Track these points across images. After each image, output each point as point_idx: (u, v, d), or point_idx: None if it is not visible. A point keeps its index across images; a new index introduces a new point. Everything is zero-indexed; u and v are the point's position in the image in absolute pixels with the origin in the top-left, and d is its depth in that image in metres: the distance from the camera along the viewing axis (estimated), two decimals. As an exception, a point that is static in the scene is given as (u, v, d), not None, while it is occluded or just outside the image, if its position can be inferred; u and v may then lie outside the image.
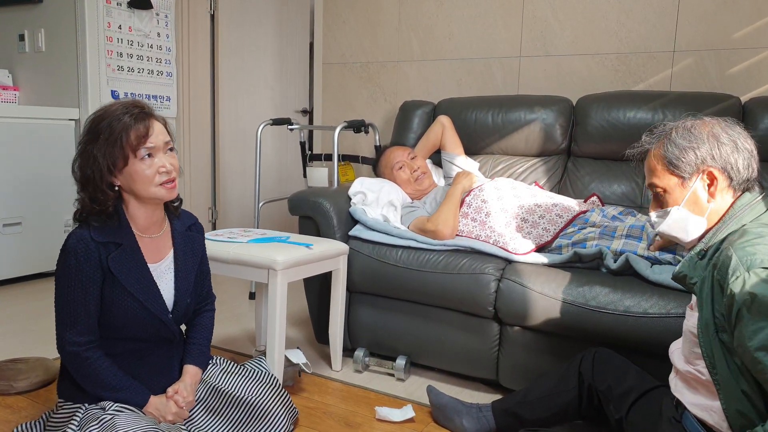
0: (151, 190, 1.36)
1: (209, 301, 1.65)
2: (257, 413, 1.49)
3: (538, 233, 2.02)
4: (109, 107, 1.37)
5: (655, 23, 2.58)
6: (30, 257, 3.17)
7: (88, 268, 1.34)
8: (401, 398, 1.92)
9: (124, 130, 1.32)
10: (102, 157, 1.32)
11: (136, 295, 1.39)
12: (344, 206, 2.23)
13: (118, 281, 1.37)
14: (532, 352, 1.86)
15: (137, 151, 1.33)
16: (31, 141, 3.12)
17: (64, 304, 1.35)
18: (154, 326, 1.43)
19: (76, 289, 1.34)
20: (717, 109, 2.18)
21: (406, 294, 2.04)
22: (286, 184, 4.43)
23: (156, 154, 1.36)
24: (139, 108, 1.37)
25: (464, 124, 2.60)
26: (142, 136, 1.33)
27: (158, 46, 3.59)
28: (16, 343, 2.30)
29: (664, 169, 1.26)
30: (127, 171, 1.34)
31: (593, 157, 2.43)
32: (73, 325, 1.35)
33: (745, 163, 1.22)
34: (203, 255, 1.60)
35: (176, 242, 1.51)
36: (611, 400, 1.49)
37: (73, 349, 1.35)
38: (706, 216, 1.24)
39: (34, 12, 3.38)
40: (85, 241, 1.34)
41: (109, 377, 1.37)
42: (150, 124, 1.35)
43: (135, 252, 1.40)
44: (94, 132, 1.34)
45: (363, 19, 3.25)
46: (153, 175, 1.35)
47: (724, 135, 1.23)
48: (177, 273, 1.49)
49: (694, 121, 1.28)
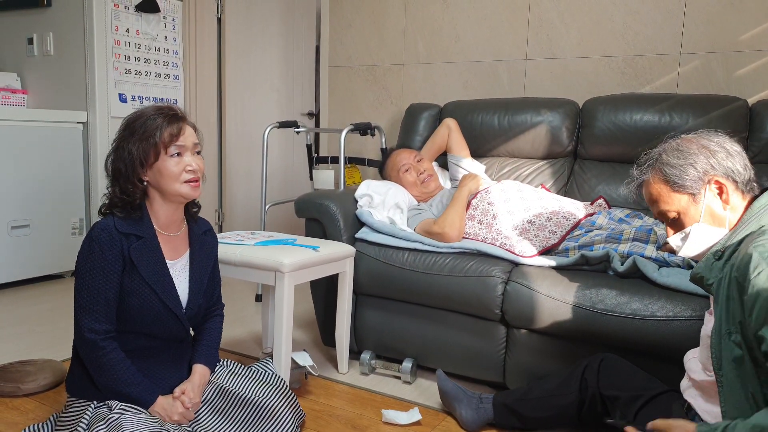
0: (176, 186, 1.43)
1: (219, 306, 1.69)
2: (264, 414, 1.50)
3: (545, 236, 2.02)
4: (145, 109, 1.46)
5: (661, 25, 2.57)
6: (38, 259, 3.19)
7: (111, 255, 1.39)
8: (408, 401, 1.92)
9: (158, 127, 1.41)
10: (135, 152, 1.40)
11: (154, 287, 1.43)
12: (351, 209, 2.23)
13: (138, 271, 1.42)
14: (539, 355, 1.85)
15: (168, 148, 1.41)
16: (39, 144, 3.14)
17: (85, 290, 1.39)
18: (168, 321, 1.47)
19: (97, 276, 1.38)
20: (724, 111, 2.17)
21: (412, 296, 2.04)
22: (292, 187, 4.44)
23: (185, 153, 1.44)
24: (173, 111, 1.46)
25: (470, 127, 2.60)
26: (174, 135, 1.42)
27: (165, 50, 3.61)
28: (24, 345, 2.31)
29: (670, 191, 1.25)
30: (157, 166, 1.42)
31: (600, 159, 2.43)
32: (93, 312, 1.38)
33: (742, 164, 1.23)
34: (216, 261, 1.65)
35: (193, 243, 1.57)
36: (618, 407, 1.48)
37: (91, 336, 1.38)
38: (726, 225, 1.22)
39: (42, 16, 3.40)
40: (108, 230, 1.40)
41: (122, 370, 1.39)
42: (182, 125, 1.45)
43: (155, 246, 1.46)
44: (130, 129, 1.42)
45: (369, 22, 3.26)
46: (180, 172, 1.43)
47: (712, 144, 1.24)
48: (192, 273, 1.54)
49: (677, 140, 1.29)
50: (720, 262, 1.21)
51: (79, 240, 3.34)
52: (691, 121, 2.21)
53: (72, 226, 3.32)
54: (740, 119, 2.17)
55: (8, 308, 2.80)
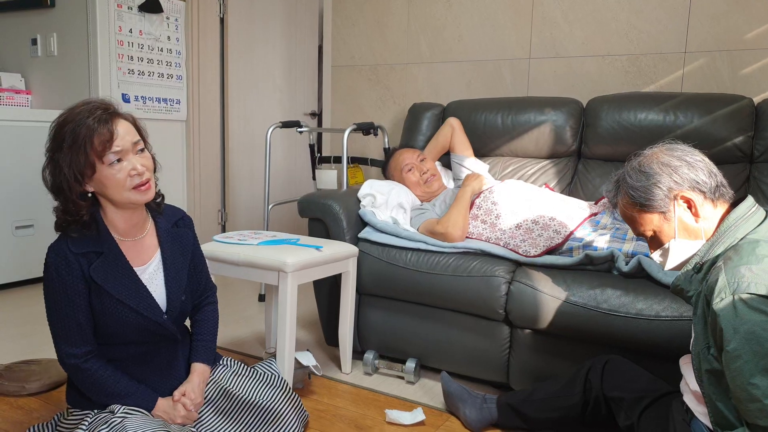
0: (124, 195, 1.30)
1: (209, 293, 1.60)
2: (268, 416, 1.49)
3: (549, 235, 2.01)
4: (73, 110, 1.29)
5: (666, 24, 2.56)
6: (42, 259, 3.17)
7: (71, 280, 1.30)
8: (411, 401, 1.92)
9: (87, 136, 1.24)
10: (68, 167, 1.25)
11: (126, 301, 1.35)
12: (354, 208, 2.23)
13: (104, 290, 1.33)
14: (542, 355, 1.85)
15: (104, 157, 1.26)
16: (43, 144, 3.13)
17: (55, 318, 1.33)
18: (150, 329, 1.41)
19: (62, 303, 1.31)
20: (729, 110, 2.16)
21: (415, 296, 2.04)
22: (295, 187, 4.44)
23: (125, 157, 1.29)
24: (102, 109, 1.28)
25: (474, 126, 2.59)
26: (107, 141, 1.25)
27: (168, 50, 3.61)
28: (29, 345, 2.32)
29: (641, 212, 1.28)
30: (97, 178, 1.28)
31: (604, 158, 2.42)
32: (67, 338, 1.33)
33: (707, 172, 1.23)
34: (195, 248, 1.53)
35: (162, 241, 1.45)
36: (622, 408, 1.48)
37: (71, 361, 1.34)
38: (702, 236, 1.24)
39: (46, 16, 3.41)
40: (63, 254, 1.30)
41: (113, 385, 1.36)
42: (114, 126, 1.27)
43: (117, 258, 1.35)
44: (58, 139, 1.27)
45: (372, 22, 3.25)
46: (124, 179, 1.29)
47: (672, 159, 1.25)
48: (167, 273, 1.44)
49: (638, 160, 1.29)
50: (699, 275, 1.23)
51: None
52: (696, 120, 2.20)
53: (76, 226, 3.32)
54: (746, 118, 2.16)
55: (13, 308, 2.81)
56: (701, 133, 2.17)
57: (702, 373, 1.16)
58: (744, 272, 1.08)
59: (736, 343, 1.06)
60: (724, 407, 1.13)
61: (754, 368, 1.05)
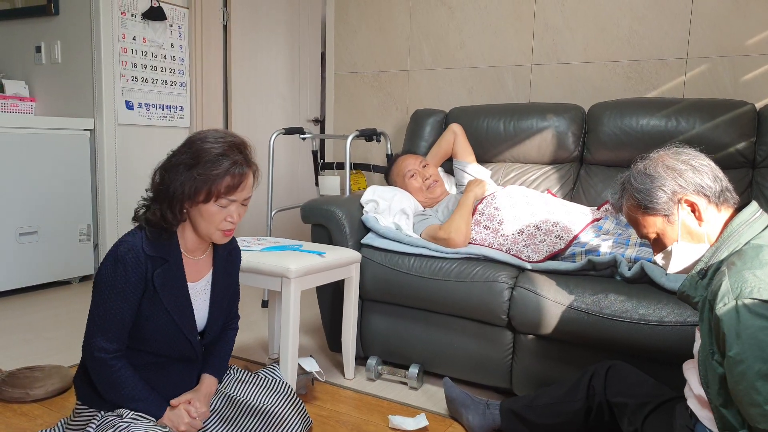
0: (210, 230, 1.41)
1: (235, 320, 1.68)
2: (271, 422, 1.49)
3: (552, 241, 2.01)
4: (216, 139, 1.39)
5: (667, 30, 2.57)
6: (46, 266, 3.20)
7: (134, 278, 1.35)
8: (414, 407, 1.92)
9: (221, 174, 1.35)
10: (189, 186, 1.35)
11: (172, 312, 1.41)
12: (356, 214, 2.24)
13: (158, 296, 1.39)
14: (545, 361, 1.84)
15: (221, 199, 1.37)
16: (47, 151, 3.16)
17: (102, 309, 1.35)
18: (180, 344, 1.45)
19: (116, 297, 1.35)
20: (731, 116, 2.17)
21: (418, 302, 2.04)
22: (298, 193, 4.45)
23: (232, 204, 1.40)
24: (242, 155, 1.40)
25: (476, 132, 2.60)
26: (233, 189, 1.37)
27: (172, 57, 3.63)
28: (32, 351, 2.32)
29: (645, 215, 1.28)
30: (201, 207, 1.38)
31: (606, 164, 2.42)
32: (106, 331, 1.35)
33: (712, 176, 1.23)
34: (237, 278, 1.64)
35: (216, 265, 1.54)
36: (626, 414, 1.48)
37: (101, 355, 1.36)
38: (705, 240, 1.24)
39: (50, 24, 3.43)
40: (135, 251, 1.36)
41: (130, 387, 1.38)
42: (245, 179, 1.39)
43: (179, 270, 1.43)
44: (193, 156, 1.36)
45: (374, 29, 3.27)
46: (220, 221, 1.40)
47: (677, 163, 1.25)
48: (213, 295, 1.52)
49: (644, 162, 1.30)
50: (704, 281, 1.23)
51: (86, 247, 3.36)
52: (698, 125, 2.20)
53: (79, 232, 3.33)
54: (748, 124, 2.16)
55: (16, 314, 2.81)
56: (703, 138, 2.17)
57: (708, 379, 1.16)
58: (747, 277, 1.08)
59: (738, 347, 1.06)
60: (729, 413, 1.13)
61: (756, 373, 1.05)
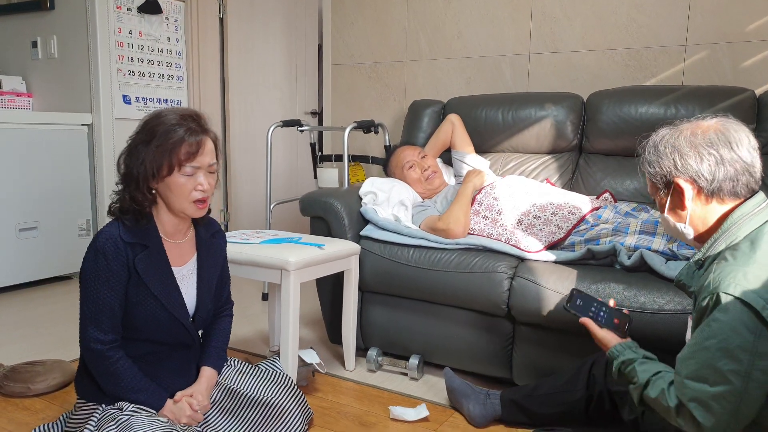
0: (183, 204, 1.40)
1: (228, 306, 1.68)
2: (273, 413, 1.50)
3: (551, 231, 2.01)
4: (168, 113, 1.40)
5: (666, 17, 2.55)
6: (46, 261, 3.20)
7: (116, 266, 1.36)
8: (415, 397, 1.92)
9: (177, 142, 1.35)
10: (149, 161, 1.35)
11: (159, 296, 1.41)
12: (355, 206, 2.23)
13: (143, 282, 1.39)
14: (545, 350, 1.85)
15: (183, 167, 1.37)
16: (45, 146, 3.15)
17: (90, 301, 1.37)
18: (173, 329, 1.46)
19: (102, 287, 1.36)
20: (731, 102, 2.16)
21: (418, 293, 2.04)
22: (296, 186, 4.44)
23: (198, 172, 1.39)
24: (196, 122, 1.40)
25: (474, 123, 2.59)
26: (192, 153, 1.37)
27: (168, 51, 3.62)
28: (33, 346, 2.33)
29: (649, 181, 1.32)
30: (168, 181, 1.38)
31: (605, 153, 2.41)
32: (98, 323, 1.37)
33: (710, 170, 1.18)
34: (224, 261, 1.63)
35: (200, 248, 1.54)
36: (627, 402, 1.48)
37: (97, 346, 1.37)
38: (687, 223, 1.24)
39: (46, 19, 3.41)
40: (114, 240, 1.37)
41: (129, 378, 1.39)
42: (203, 142, 1.39)
43: (160, 255, 1.43)
44: (149, 134, 1.37)
45: (371, 20, 3.25)
46: (189, 191, 1.39)
47: (686, 146, 1.22)
48: (200, 278, 1.52)
49: (662, 133, 1.28)
50: (701, 271, 1.24)
51: (86, 241, 3.36)
52: (698, 113, 2.19)
53: (79, 227, 3.33)
54: (748, 110, 2.15)
55: (17, 310, 2.82)
56: (702, 126, 2.16)
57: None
58: (731, 272, 1.09)
59: (700, 337, 1.10)
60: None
61: (695, 369, 1.09)
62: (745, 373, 1.05)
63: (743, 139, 1.20)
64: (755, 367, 1.05)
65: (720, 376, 1.07)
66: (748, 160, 1.18)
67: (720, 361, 1.07)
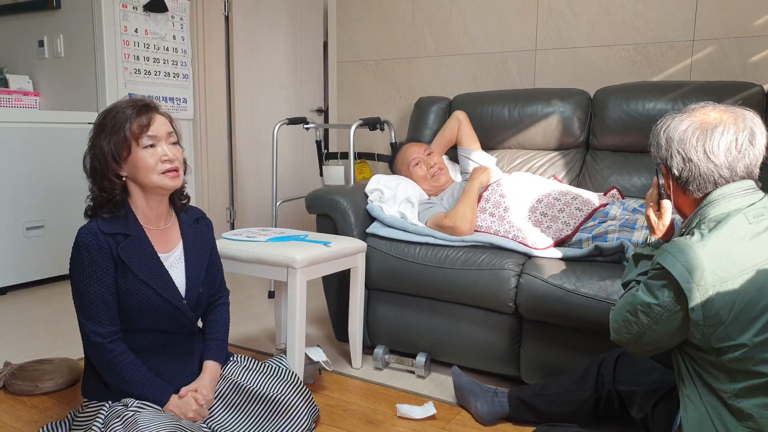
0: (153, 178, 1.41)
1: (222, 294, 1.67)
2: (279, 410, 1.50)
3: (558, 227, 2.00)
4: (116, 103, 1.44)
5: (673, 12, 2.53)
6: (53, 260, 3.22)
7: (101, 258, 1.38)
8: (422, 395, 1.92)
9: (127, 119, 1.39)
10: (107, 146, 1.38)
11: (149, 282, 1.42)
12: (361, 204, 2.23)
13: (130, 270, 1.40)
14: (553, 348, 1.84)
15: (139, 140, 1.39)
16: (52, 145, 3.17)
17: (83, 297, 1.38)
18: (169, 314, 1.46)
19: (91, 281, 1.37)
20: (739, 98, 2.14)
21: (425, 291, 2.03)
22: (302, 183, 4.44)
23: (158, 143, 1.41)
24: (144, 102, 1.43)
25: (480, 119, 2.58)
26: (144, 126, 1.39)
27: (174, 49, 3.62)
28: (41, 344, 2.34)
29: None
30: (131, 159, 1.39)
31: (612, 149, 2.40)
32: (94, 317, 1.38)
33: (678, 166, 1.23)
34: (213, 248, 1.63)
35: (185, 234, 1.55)
36: (636, 401, 1.47)
37: (97, 339, 1.38)
38: (672, 205, 1.32)
39: (52, 18, 3.43)
40: (94, 233, 1.39)
41: (133, 371, 1.40)
42: (152, 116, 1.41)
43: (143, 242, 1.45)
44: (101, 125, 1.41)
45: (376, 16, 3.24)
46: (155, 163, 1.40)
47: (687, 140, 1.22)
48: (187, 263, 1.52)
49: (673, 121, 1.28)
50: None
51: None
52: (706, 108, 2.17)
53: (86, 226, 3.35)
54: (756, 106, 2.13)
55: (25, 308, 2.83)
56: (711, 121, 2.14)
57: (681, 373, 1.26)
58: (666, 250, 1.16)
59: (636, 291, 1.23)
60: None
61: (622, 304, 1.26)
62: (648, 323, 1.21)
63: (722, 142, 1.21)
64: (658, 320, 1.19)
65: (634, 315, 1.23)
66: (722, 162, 1.20)
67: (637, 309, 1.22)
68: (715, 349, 1.13)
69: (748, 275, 1.11)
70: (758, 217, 1.16)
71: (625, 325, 1.25)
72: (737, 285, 1.10)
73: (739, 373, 1.12)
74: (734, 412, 1.14)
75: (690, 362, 1.21)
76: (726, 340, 1.12)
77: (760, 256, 1.12)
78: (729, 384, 1.14)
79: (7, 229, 3.02)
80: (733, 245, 1.12)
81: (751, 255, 1.12)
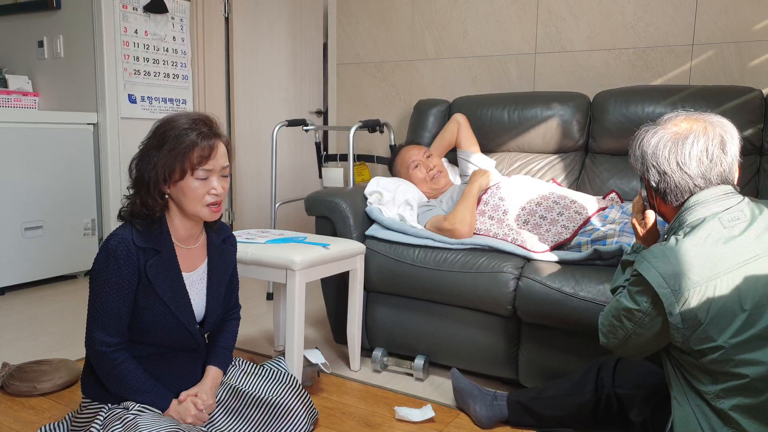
0: (197, 208, 1.40)
1: (236, 309, 1.68)
2: (278, 413, 1.50)
3: (557, 231, 2.00)
4: (179, 118, 1.39)
5: (673, 16, 2.54)
6: (51, 260, 3.21)
7: (127, 271, 1.36)
8: (420, 398, 1.91)
9: (189, 146, 1.35)
10: (161, 166, 1.35)
11: (168, 301, 1.41)
12: (360, 206, 2.23)
13: (153, 287, 1.39)
14: (552, 351, 1.84)
15: (196, 171, 1.36)
16: (51, 146, 3.16)
17: (99, 303, 1.36)
18: (180, 335, 1.45)
19: (112, 290, 1.35)
20: (738, 102, 2.14)
21: (423, 293, 2.03)
22: (301, 185, 4.44)
23: (211, 176, 1.39)
24: (208, 127, 1.40)
25: (480, 122, 2.58)
26: (205, 157, 1.36)
27: (174, 50, 3.62)
28: (39, 345, 2.33)
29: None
30: (181, 185, 1.38)
31: (611, 153, 2.40)
32: (105, 325, 1.36)
33: (655, 179, 1.26)
34: (234, 266, 1.63)
35: (211, 254, 1.54)
36: (635, 404, 1.47)
37: (102, 349, 1.37)
38: (657, 215, 1.35)
39: (52, 18, 3.42)
40: (126, 243, 1.36)
41: (134, 379, 1.39)
42: (215, 146, 1.38)
43: (172, 260, 1.43)
44: (160, 139, 1.37)
45: (376, 19, 3.25)
46: (203, 195, 1.39)
47: (648, 150, 1.27)
48: (210, 283, 1.52)
49: (653, 133, 1.28)
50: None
51: (91, 241, 3.37)
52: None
53: (84, 226, 3.34)
54: (755, 110, 2.14)
55: (23, 309, 2.83)
56: (710, 125, 2.15)
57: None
58: (644, 256, 1.18)
59: (620, 298, 1.25)
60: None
61: (608, 310, 1.29)
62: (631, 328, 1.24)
63: (693, 152, 1.22)
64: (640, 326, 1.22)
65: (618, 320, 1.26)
66: (694, 172, 1.22)
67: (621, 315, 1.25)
68: (695, 351, 1.14)
69: (722, 278, 1.12)
70: (733, 221, 1.17)
71: (611, 329, 1.28)
72: (712, 288, 1.12)
73: (720, 375, 1.14)
74: (718, 413, 1.15)
75: (676, 364, 1.23)
76: (705, 342, 1.13)
77: (733, 259, 1.13)
78: (712, 385, 1.15)
79: (6, 229, 3.02)
80: (706, 249, 1.14)
81: (725, 258, 1.13)
